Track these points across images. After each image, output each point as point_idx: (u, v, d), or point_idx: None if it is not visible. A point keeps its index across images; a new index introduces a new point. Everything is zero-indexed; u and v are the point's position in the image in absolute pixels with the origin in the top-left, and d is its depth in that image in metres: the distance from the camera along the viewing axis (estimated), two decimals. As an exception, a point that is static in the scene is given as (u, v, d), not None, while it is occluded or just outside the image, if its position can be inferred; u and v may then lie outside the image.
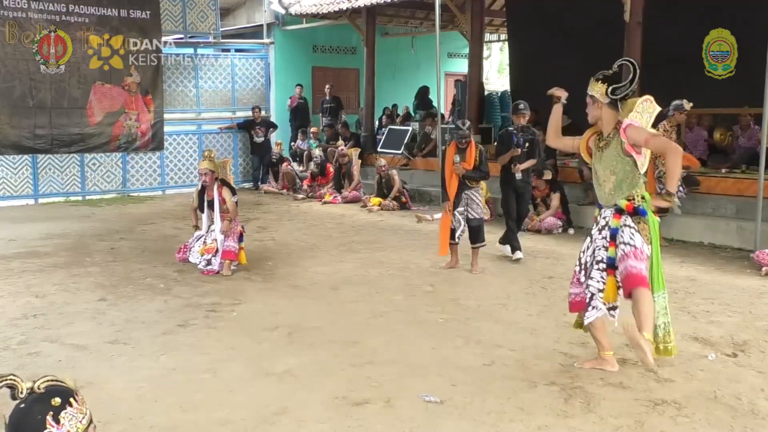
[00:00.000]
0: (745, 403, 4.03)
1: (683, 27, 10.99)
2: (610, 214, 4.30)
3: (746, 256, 7.78)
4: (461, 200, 7.28)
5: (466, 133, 7.23)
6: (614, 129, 4.24)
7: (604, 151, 4.29)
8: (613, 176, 4.25)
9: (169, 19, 13.55)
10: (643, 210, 4.19)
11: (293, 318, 5.67)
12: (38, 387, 1.85)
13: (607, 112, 4.26)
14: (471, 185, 7.28)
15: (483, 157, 7.23)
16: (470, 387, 4.21)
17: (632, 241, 4.13)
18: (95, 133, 12.88)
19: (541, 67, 13.59)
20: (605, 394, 4.12)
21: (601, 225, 4.35)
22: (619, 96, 4.21)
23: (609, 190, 4.28)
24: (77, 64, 12.49)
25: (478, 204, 7.33)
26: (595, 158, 4.40)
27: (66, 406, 1.85)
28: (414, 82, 17.99)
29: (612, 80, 4.21)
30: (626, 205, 4.21)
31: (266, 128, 14.42)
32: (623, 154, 4.19)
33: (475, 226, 7.30)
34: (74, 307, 5.95)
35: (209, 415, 3.83)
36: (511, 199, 7.91)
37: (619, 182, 4.23)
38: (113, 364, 4.63)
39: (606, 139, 4.29)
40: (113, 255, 8.05)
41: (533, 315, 5.76)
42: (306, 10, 15.47)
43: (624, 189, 4.22)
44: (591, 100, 4.30)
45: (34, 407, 1.82)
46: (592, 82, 4.29)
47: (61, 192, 12.79)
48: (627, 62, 4.25)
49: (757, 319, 5.68)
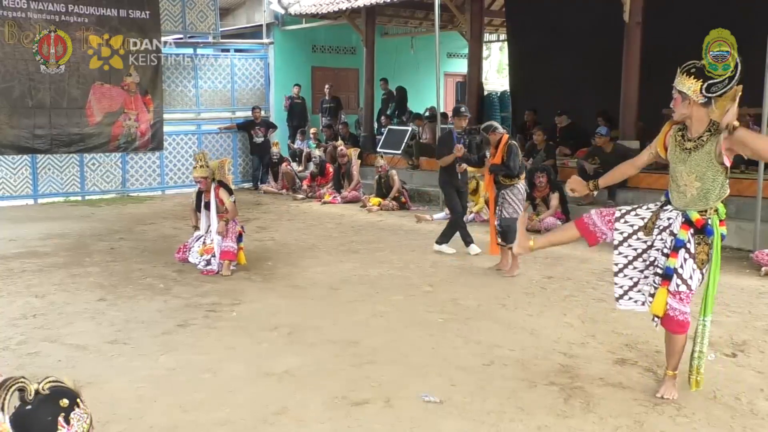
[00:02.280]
0: (745, 403, 4.03)
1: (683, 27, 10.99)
2: (676, 217, 3.91)
3: (745, 256, 7.78)
4: (497, 200, 7.21)
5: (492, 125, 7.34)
6: (707, 131, 3.78)
7: (692, 153, 3.82)
8: (698, 182, 3.81)
9: (168, 19, 13.55)
10: (711, 230, 3.82)
11: (293, 318, 5.67)
12: (43, 388, 1.85)
13: (699, 110, 3.78)
14: (505, 183, 7.14)
15: (511, 152, 7.07)
16: (470, 387, 4.22)
17: (684, 273, 3.85)
18: (95, 133, 12.88)
19: (540, 67, 13.63)
20: (605, 394, 4.12)
21: (663, 225, 3.96)
22: (716, 94, 3.72)
23: (691, 196, 3.85)
24: (77, 64, 12.48)
25: (511, 203, 7.13)
26: (676, 158, 3.93)
27: (74, 407, 1.85)
28: (414, 83, 17.99)
29: (706, 75, 3.72)
30: (697, 219, 3.83)
31: (266, 128, 14.42)
32: (716, 160, 3.75)
33: (504, 226, 7.16)
34: (74, 307, 5.95)
35: (209, 415, 3.83)
36: (455, 197, 8.13)
37: (706, 191, 3.81)
38: (113, 364, 4.63)
39: (696, 141, 3.81)
40: (113, 255, 8.05)
41: (533, 315, 5.76)
42: (305, 10, 15.47)
43: (711, 199, 3.82)
44: (680, 96, 3.81)
45: (42, 408, 1.81)
46: (681, 76, 3.79)
47: (61, 192, 12.79)
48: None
49: (757, 319, 5.68)
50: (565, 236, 4.37)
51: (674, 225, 3.92)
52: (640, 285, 4.11)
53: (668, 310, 3.92)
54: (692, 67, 3.79)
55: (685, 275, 3.86)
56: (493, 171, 7.20)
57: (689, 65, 3.81)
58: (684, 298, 3.89)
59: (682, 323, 3.93)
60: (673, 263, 3.87)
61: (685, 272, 3.86)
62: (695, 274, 3.88)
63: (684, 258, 3.86)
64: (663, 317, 3.94)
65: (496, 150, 7.22)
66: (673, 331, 3.98)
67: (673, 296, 3.89)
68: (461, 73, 17.59)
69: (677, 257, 3.86)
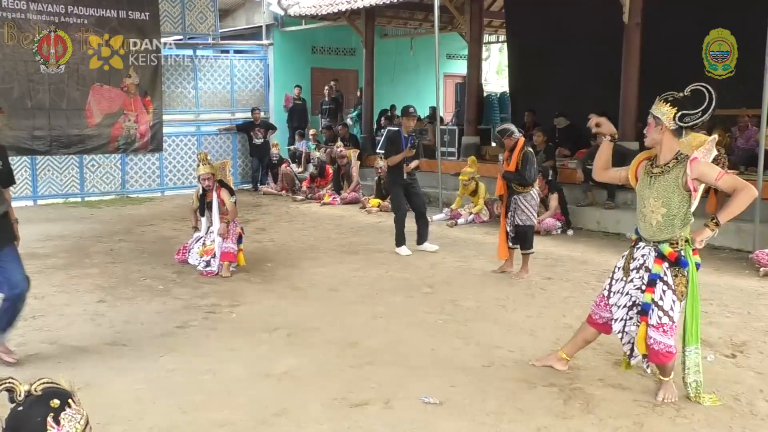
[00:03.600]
0: (744, 403, 4.04)
1: (683, 27, 11.01)
2: (649, 253, 3.99)
3: (745, 257, 7.79)
4: (509, 205, 7.11)
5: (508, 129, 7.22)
6: (674, 159, 3.87)
7: (659, 178, 3.92)
8: (664, 208, 3.89)
9: (168, 20, 13.55)
10: (685, 261, 3.88)
11: (292, 319, 5.66)
12: (35, 389, 1.85)
13: (669, 138, 3.88)
14: (517, 190, 7.02)
15: (527, 160, 6.90)
16: (469, 388, 4.22)
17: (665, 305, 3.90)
18: (94, 135, 12.87)
19: (540, 68, 13.63)
20: (604, 395, 4.12)
21: (639, 263, 4.04)
22: (687, 124, 3.81)
23: (657, 223, 3.93)
24: (76, 64, 12.48)
25: (524, 210, 7.02)
26: (642, 184, 4.03)
27: (65, 407, 1.85)
28: (413, 84, 17.99)
29: (683, 105, 3.80)
30: (669, 253, 3.89)
31: (265, 130, 14.43)
32: (682, 188, 3.84)
33: (520, 232, 7.08)
34: (73, 308, 5.95)
35: (208, 417, 3.83)
36: (402, 196, 8.24)
37: (671, 217, 3.88)
38: (112, 365, 4.62)
39: (662, 167, 3.91)
40: (112, 256, 8.04)
41: (532, 316, 5.77)
42: (305, 12, 15.47)
43: (676, 225, 3.88)
44: (654, 121, 3.91)
45: (33, 409, 1.82)
46: (658, 102, 3.89)
47: (60, 193, 12.78)
48: (702, 88, 3.79)
49: (756, 319, 5.68)
50: (587, 335, 4.49)
51: (648, 261, 3.99)
52: (627, 326, 4.16)
53: (651, 344, 3.96)
54: (671, 96, 3.87)
55: (666, 307, 3.91)
56: (507, 179, 7.05)
57: (669, 94, 3.89)
58: (668, 330, 3.93)
59: (668, 355, 3.98)
60: (648, 298, 3.95)
61: (665, 304, 3.91)
62: (676, 306, 3.92)
63: (662, 290, 3.92)
64: (649, 353, 4.00)
65: (510, 154, 7.05)
66: (660, 362, 4.03)
67: (656, 329, 3.93)
68: (461, 74, 17.58)
69: (654, 291, 3.93)
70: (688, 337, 4.02)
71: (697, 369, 4.04)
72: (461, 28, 14.75)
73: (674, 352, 3.99)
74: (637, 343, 4.04)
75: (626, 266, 4.15)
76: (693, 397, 4.04)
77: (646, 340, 3.98)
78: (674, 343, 3.98)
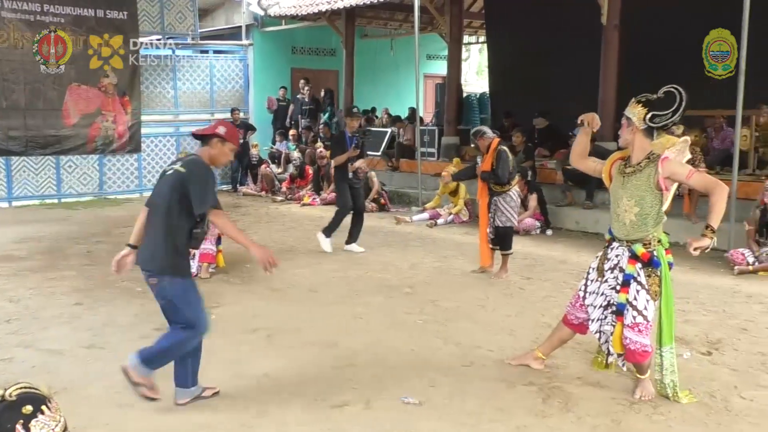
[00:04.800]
0: (719, 400, 4.09)
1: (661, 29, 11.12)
2: (623, 253, 4.04)
3: (720, 256, 7.88)
4: (490, 206, 7.11)
5: (481, 131, 7.25)
6: (646, 159, 3.94)
7: (631, 178, 3.97)
8: (636, 207, 3.94)
9: (146, 19, 13.46)
10: (657, 261, 3.95)
11: (272, 320, 5.65)
12: (10, 394, 1.81)
13: (641, 138, 3.94)
14: (496, 190, 7.03)
15: (500, 158, 6.89)
16: (449, 388, 4.23)
17: (639, 305, 3.95)
18: (71, 135, 12.75)
19: (519, 69, 13.71)
20: (583, 394, 4.16)
21: (613, 263, 4.08)
22: (657, 125, 3.88)
23: (630, 222, 3.97)
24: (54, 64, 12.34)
25: (504, 212, 7.02)
26: (616, 184, 4.09)
27: (37, 414, 1.81)
28: (393, 84, 18.01)
29: (654, 106, 3.86)
30: (642, 253, 3.94)
31: (245, 130, 14.34)
32: (654, 187, 3.90)
33: (500, 233, 7.09)
34: (49, 311, 5.88)
35: (188, 420, 3.80)
36: (348, 194, 8.36)
37: (644, 216, 3.94)
38: (89, 369, 4.58)
39: (634, 167, 3.97)
40: (90, 258, 7.96)
41: (512, 316, 5.80)
42: (285, 12, 15.43)
43: (649, 224, 3.94)
44: (626, 122, 3.97)
45: (4, 415, 1.79)
46: (632, 104, 3.96)
47: (36, 195, 12.64)
48: (674, 90, 3.85)
49: (731, 317, 5.76)
50: (563, 335, 4.51)
51: (622, 261, 4.04)
52: (603, 326, 4.19)
53: (627, 344, 4.00)
54: (644, 98, 3.94)
55: (640, 306, 3.96)
56: (484, 179, 7.08)
57: (642, 96, 3.96)
58: (643, 330, 3.97)
59: (644, 354, 4.02)
60: (623, 298, 4.00)
61: (639, 303, 3.96)
62: (650, 305, 3.97)
63: (636, 290, 3.97)
64: (625, 352, 4.04)
65: (487, 155, 7.07)
66: (636, 361, 4.07)
67: (630, 329, 3.98)
68: (441, 74, 17.63)
69: (628, 291, 3.98)
70: (663, 337, 4.06)
71: (673, 369, 4.08)
72: (441, 29, 14.79)
73: (650, 351, 4.03)
74: (613, 342, 4.09)
75: (600, 266, 4.19)
76: (672, 397, 4.08)
77: (621, 339, 4.02)
78: (650, 342, 4.02)
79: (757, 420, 3.85)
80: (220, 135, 3.88)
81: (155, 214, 3.83)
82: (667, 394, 4.09)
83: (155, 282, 3.78)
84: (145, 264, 3.82)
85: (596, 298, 4.19)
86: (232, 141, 3.96)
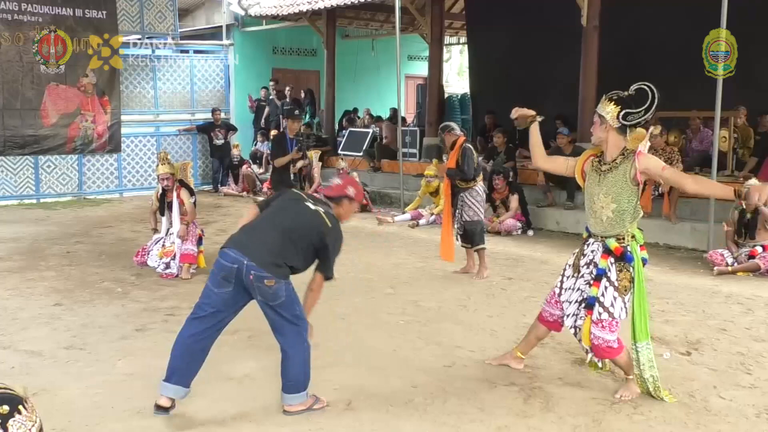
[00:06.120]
0: (699, 400, 4.13)
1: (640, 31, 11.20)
2: (598, 249, 4.08)
3: (700, 257, 7.97)
4: (456, 203, 7.16)
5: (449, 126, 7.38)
6: (621, 155, 3.97)
7: (607, 175, 4.01)
8: (614, 204, 3.97)
9: (126, 19, 13.32)
10: (630, 257, 3.97)
11: (252, 321, 5.57)
12: None
13: (614, 136, 3.97)
14: (461, 186, 7.09)
15: (465, 155, 6.95)
16: (431, 388, 4.24)
17: (605, 301, 3.98)
18: (50, 135, 12.60)
19: (500, 70, 13.77)
20: (563, 394, 4.18)
21: (589, 259, 4.13)
22: (630, 123, 3.91)
23: (607, 219, 4.00)
24: (31, 64, 12.22)
25: (471, 206, 7.07)
26: (591, 181, 4.12)
27: (15, 413, 1.80)
28: (375, 85, 18.00)
29: (626, 104, 3.88)
30: (615, 248, 3.97)
31: (226, 130, 14.30)
32: (631, 183, 3.94)
33: (468, 228, 7.14)
34: (28, 312, 5.82)
35: (168, 421, 3.78)
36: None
37: (621, 212, 3.97)
38: (69, 370, 4.53)
39: (610, 164, 4.00)
40: (69, 259, 7.88)
41: (493, 316, 5.82)
42: (266, 12, 15.36)
43: (626, 220, 3.98)
44: (599, 120, 4.00)
45: None
46: (603, 101, 3.99)
47: (14, 195, 12.47)
48: (645, 87, 3.87)
49: (710, 318, 5.82)
50: (539, 332, 4.53)
51: (596, 256, 4.08)
52: (576, 321, 4.22)
53: (593, 339, 4.04)
54: (615, 95, 3.96)
55: (606, 303, 3.99)
56: (450, 176, 7.14)
57: (613, 93, 3.98)
58: (606, 326, 4.00)
59: (609, 350, 4.05)
60: (594, 292, 4.03)
61: (606, 300, 3.99)
62: (617, 302, 3.99)
63: (605, 286, 4.00)
64: (592, 347, 4.08)
65: (452, 152, 7.15)
66: (602, 356, 4.12)
67: (595, 324, 4.01)
68: (422, 75, 17.65)
69: (599, 286, 4.01)
70: (637, 333, 4.08)
71: (652, 364, 4.10)
72: (422, 30, 14.79)
73: (615, 347, 4.05)
74: (583, 336, 4.13)
75: (576, 263, 4.22)
76: (653, 392, 4.10)
77: (589, 334, 4.06)
78: (615, 339, 4.03)
79: (736, 419, 3.89)
80: (350, 196, 4.15)
81: (278, 229, 3.94)
82: (649, 390, 4.11)
83: (272, 284, 3.85)
84: (262, 265, 3.86)
85: (571, 294, 4.22)
86: (359, 200, 4.24)
